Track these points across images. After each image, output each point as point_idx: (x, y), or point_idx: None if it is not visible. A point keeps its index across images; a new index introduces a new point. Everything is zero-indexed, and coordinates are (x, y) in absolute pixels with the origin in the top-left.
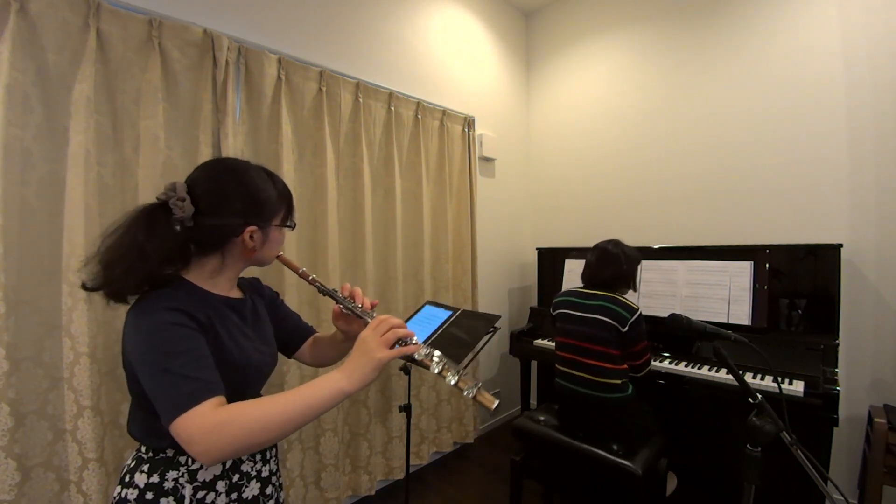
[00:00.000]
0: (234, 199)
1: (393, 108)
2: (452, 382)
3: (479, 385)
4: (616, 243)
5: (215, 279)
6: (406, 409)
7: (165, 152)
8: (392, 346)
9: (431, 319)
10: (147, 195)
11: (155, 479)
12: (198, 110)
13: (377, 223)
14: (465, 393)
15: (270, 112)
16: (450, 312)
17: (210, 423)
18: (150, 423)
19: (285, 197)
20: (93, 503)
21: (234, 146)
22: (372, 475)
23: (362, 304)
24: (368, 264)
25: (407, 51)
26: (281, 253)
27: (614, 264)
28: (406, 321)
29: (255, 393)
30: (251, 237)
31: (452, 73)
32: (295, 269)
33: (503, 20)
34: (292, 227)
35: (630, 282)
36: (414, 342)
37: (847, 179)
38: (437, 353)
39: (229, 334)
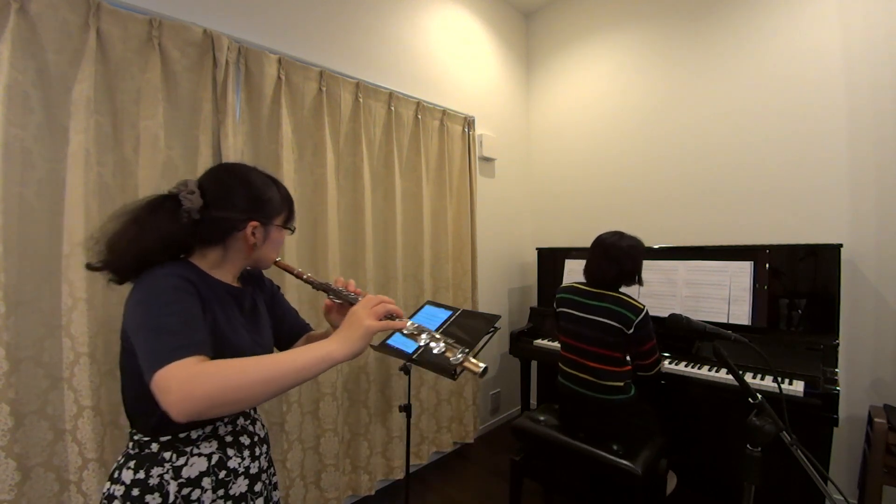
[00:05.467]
0: (239, 195)
1: (393, 108)
2: (437, 351)
3: (467, 352)
4: (619, 236)
5: (217, 269)
6: (406, 409)
7: (165, 152)
8: (381, 319)
9: (431, 319)
10: (147, 195)
11: (140, 475)
12: (198, 110)
13: (377, 223)
14: (452, 360)
15: (270, 112)
16: (450, 312)
17: (189, 373)
18: (139, 400)
19: (287, 201)
20: (93, 503)
21: (234, 146)
22: (372, 475)
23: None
24: (368, 264)
25: (407, 51)
26: (279, 259)
27: (617, 263)
28: None
29: None
30: (253, 233)
31: (452, 73)
32: (295, 274)
33: (503, 20)
34: (292, 231)
35: (635, 277)
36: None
37: (847, 179)
38: (425, 328)
39: (226, 317)
